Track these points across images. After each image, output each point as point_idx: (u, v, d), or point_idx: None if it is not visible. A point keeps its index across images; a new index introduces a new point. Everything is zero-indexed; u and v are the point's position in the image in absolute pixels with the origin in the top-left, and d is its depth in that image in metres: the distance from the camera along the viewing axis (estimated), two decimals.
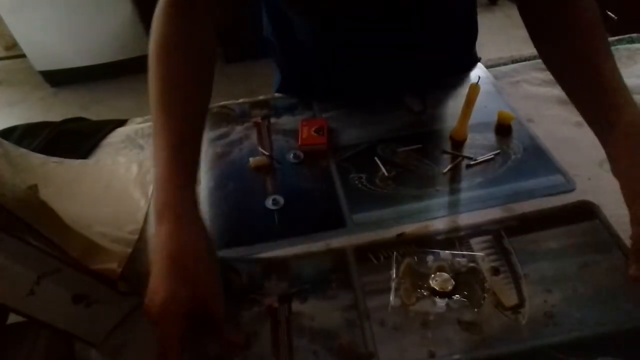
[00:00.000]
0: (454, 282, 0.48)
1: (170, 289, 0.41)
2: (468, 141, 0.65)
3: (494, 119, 0.68)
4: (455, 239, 0.54)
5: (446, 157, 0.64)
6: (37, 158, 0.68)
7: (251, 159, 0.66)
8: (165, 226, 0.43)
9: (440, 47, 0.74)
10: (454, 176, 0.62)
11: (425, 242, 0.54)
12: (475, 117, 0.64)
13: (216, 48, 0.56)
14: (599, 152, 0.61)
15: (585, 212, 0.54)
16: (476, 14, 0.77)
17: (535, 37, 0.58)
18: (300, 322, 0.48)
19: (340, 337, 0.47)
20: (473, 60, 0.80)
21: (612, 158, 0.49)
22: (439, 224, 0.56)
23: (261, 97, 0.79)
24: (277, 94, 0.81)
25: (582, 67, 0.51)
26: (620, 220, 0.54)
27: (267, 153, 0.67)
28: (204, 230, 0.46)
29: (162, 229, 0.43)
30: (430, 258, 0.51)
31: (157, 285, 0.42)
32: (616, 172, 0.48)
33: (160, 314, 0.41)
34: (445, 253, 0.51)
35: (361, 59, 0.72)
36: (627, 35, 0.81)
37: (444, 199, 0.59)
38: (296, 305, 0.50)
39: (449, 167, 0.62)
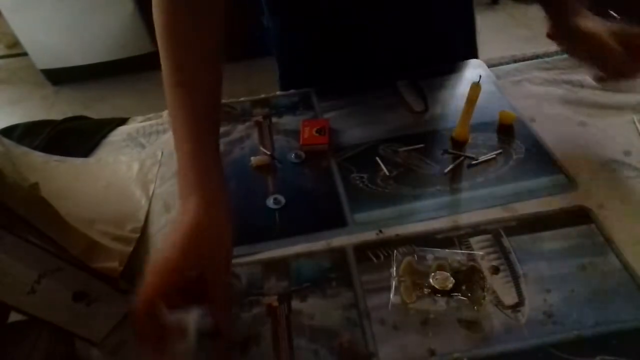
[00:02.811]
0: (454, 281, 0.48)
1: (179, 262, 0.40)
2: (470, 141, 0.65)
3: (495, 118, 0.68)
4: (455, 237, 0.54)
5: (447, 156, 0.64)
6: (39, 156, 0.68)
7: (253, 158, 0.66)
8: (193, 204, 0.43)
9: (433, 32, 0.76)
10: (456, 176, 0.62)
11: (425, 241, 0.54)
12: (476, 116, 0.64)
13: (222, 16, 0.54)
14: (602, 152, 0.62)
15: (581, 216, 0.55)
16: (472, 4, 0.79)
17: None
18: (300, 321, 0.48)
19: (341, 336, 0.47)
20: (471, 51, 0.81)
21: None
22: (439, 223, 0.56)
23: (262, 96, 0.80)
24: (278, 92, 0.81)
25: None
26: (620, 219, 0.54)
27: (268, 152, 0.67)
28: (229, 212, 0.46)
29: (188, 206, 0.43)
30: (430, 256, 0.51)
31: (168, 254, 0.40)
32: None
33: (155, 274, 0.39)
34: (445, 251, 0.51)
35: (355, 43, 0.73)
36: None
37: (446, 199, 0.59)
38: (296, 304, 0.50)
39: (450, 167, 0.62)
